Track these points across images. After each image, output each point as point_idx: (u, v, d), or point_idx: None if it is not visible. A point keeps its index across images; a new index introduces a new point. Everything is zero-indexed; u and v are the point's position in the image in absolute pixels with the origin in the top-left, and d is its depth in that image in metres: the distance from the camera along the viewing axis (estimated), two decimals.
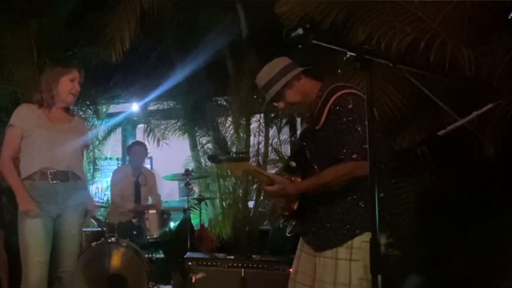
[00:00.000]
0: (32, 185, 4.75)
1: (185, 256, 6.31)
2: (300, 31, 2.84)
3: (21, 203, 4.66)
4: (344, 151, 3.25)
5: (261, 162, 8.81)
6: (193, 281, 6.01)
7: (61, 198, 4.81)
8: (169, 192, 11.68)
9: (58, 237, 4.82)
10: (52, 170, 4.77)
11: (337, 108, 3.32)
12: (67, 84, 4.93)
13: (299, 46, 2.89)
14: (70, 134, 4.96)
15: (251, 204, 9.01)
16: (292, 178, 3.65)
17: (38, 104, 4.94)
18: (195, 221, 8.50)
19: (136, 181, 8.05)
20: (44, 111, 4.93)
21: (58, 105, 4.98)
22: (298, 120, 6.46)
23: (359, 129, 3.21)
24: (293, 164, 3.78)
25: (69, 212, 4.86)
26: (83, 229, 7.48)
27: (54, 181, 4.78)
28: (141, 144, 8.54)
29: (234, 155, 3.67)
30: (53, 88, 4.92)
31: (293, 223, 3.75)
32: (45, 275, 4.69)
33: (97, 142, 10.41)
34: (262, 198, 8.77)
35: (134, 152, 8.24)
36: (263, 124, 9.12)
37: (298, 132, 5.40)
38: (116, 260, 6.59)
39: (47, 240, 4.73)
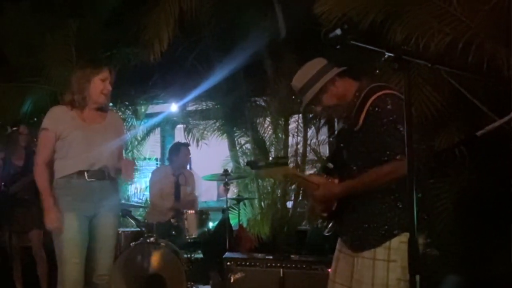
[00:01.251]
0: (68, 183, 4.70)
1: (223, 256, 6.33)
2: (338, 31, 2.84)
3: (47, 220, 4.60)
4: (388, 152, 3.25)
5: (299, 163, 8.80)
6: (232, 281, 6.03)
7: (97, 197, 4.75)
8: (208, 192, 11.72)
9: (93, 239, 4.76)
10: (88, 169, 4.72)
11: (376, 109, 3.31)
12: (99, 85, 4.84)
13: (337, 47, 2.89)
14: (106, 133, 4.89)
15: (289, 204, 9.02)
16: (329, 180, 3.65)
17: (70, 105, 4.85)
18: (233, 221, 8.52)
19: (176, 181, 8.10)
20: (76, 112, 4.84)
21: (90, 105, 4.88)
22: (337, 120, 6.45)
23: (400, 129, 3.19)
24: (331, 165, 3.77)
25: (104, 213, 4.79)
26: (122, 230, 7.57)
27: (91, 179, 4.71)
28: (187, 146, 8.59)
29: (273, 160, 3.67)
30: (85, 88, 4.81)
31: (332, 223, 3.75)
32: (81, 276, 4.64)
33: (136, 143, 10.51)
34: (300, 198, 8.76)
35: (183, 153, 8.27)
36: (301, 125, 9.09)
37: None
38: (155, 260, 6.58)
39: (83, 241, 4.67)
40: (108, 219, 4.82)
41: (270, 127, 9.36)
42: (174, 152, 8.33)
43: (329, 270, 3.84)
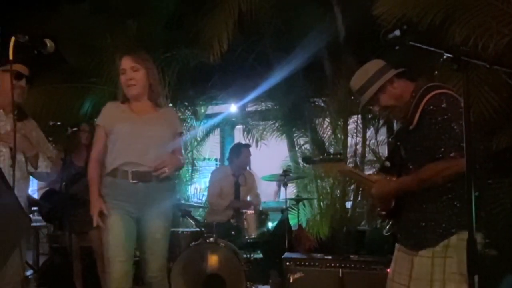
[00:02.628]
0: (112, 182, 4.58)
1: (283, 256, 6.34)
2: (397, 32, 2.87)
3: (91, 210, 4.53)
4: (442, 149, 3.26)
5: (358, 163, 8.78)
6: (291, 281, 6.04)
7: (142, 199, 4.57)
8: (267, 193, 11.77)
9: (142, 240, 4.68)
10: (133, 170, 4.52)
11: (431, 107, 3.33)
12: (122, 77, 4.69)
13: (396, 47, 2.91)
14: (157, 124, 4.68)
15: (348, 204, 9.01)
16: (387, 178, 3.67)
17: (122, 100, 4.76)
18: (293, 222, 8.54)
19: (236, 181, 8.15)
20: (128, 105, 4.73)
21: (132, 100, 4.74)
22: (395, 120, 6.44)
23: (455, 127, 3.19)
24: (388, 164, 3.79)
25: (152, 216, 4.62)
26: (182, 230, 7.63)
27: (134, 181, 4.54)
28: (248, 147, 8.63)
29: (328, 156, 3.71)
30: (119, 81, 4.76)
31: (390, 223, 3.77)
32: (128, 273, 4.55)
33: (196, 143, 10.59)
34: (359, 198, 8.76)
35: (242, 154, 8.29)
36: (360, 125, 9.09)
37: None
38: (214, 260, 6.59)
39: (128, 239, 4.56)
40: (156, 222, 4.66)
41: (329, 127, 9.37)
42: (235, 153, 8.37)
43: (388, 270, 3.85)
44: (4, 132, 4.68)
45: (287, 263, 6.13)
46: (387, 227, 3.79)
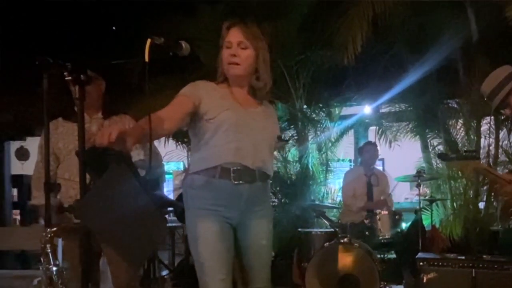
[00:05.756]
0: (208, 183, 3.64)
1: (416, 256, 6.31)
2: None
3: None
4: None
5: (491, 164, 8.67)
6: (425, 281, 6.05)
7: (245, 203, 3.71)
8: (401, 193, 11.77)
9: (243, 250, 3.84)
10: (236, 168, 3.62)
11: None
12: (224, 51, 3.78)
13: None
14: (263, 121, 3.82)
15: (481, 205, 8.95)
16: None
17: (219, 80, 3.85)
18: (426, 222, 8.52)
19: (368, 181, 8.24)
20: (228, 89, 3.80)
21: (231, 83, 3.83)
22: None
23: None
24: None
25: (254, 220, 3.81)
26: (316, 230, 7.78)
27: (238, 182, 3.63)
28: (373, 144, 8.69)
29: (464, 153, 3.78)
30: (218, 58, 3.85)
31: None
32: None
33: (330, 144, 10.66)
34: (492, 199, 8.66)
35: (366, 151, 8.40)
36: (493, 126, 9.01)
37: None
38: (348, 260, 6.64)
39: (228, 253, 3.69)
40: (259, 226, 3.85)
41: (462, 128, 9.34)
42: (360, 152, 8.60)
43: None
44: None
45: (421, 263, 6.07)
46: None
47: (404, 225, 8.01)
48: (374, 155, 8.48)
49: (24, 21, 10.22)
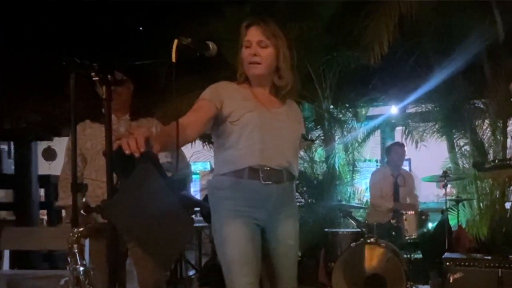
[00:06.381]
0: (237, 184, 3.56)
1: (443, 256, 6.36)
2: None
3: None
4: None
5: None
6: (451, 281, 6.05)
7: (273, 204, 3.62)
8: (427, 194, 11.76)
9: (271, 251, 3.73)
10: (265, 168, 3.55)
11: None
12: (244, 51, 3.73)
13: None
14: (287, 121, 3.72)
15: (508, 205, 8.91)
16: None
17: (240, 80, 3.79)
18: (452, 222, 8.53)
19: (395, 181, 8.24)
20: (250, 90, 3.73)
21: (253, 83, 3.76)
22: None
23: None
24: None
25: (281, 220, 3.71)
26: (342, 230, 7.81)
27: (267, 182, 3.55)
28: (401, 145, 8.68)
29: (498, 162, 3.77)
30: (239, 58, 3.78)
31: None
32: None
33: (356, 144, 10.68)
34: None
35: (394, 152, 8.40)
36: None
37: None
38: (374, 260, 6.64)
39: (256, 255, 3.57)
40: (286, 226, 3.74)
41: (488, 129, 9.30)
42: (387, 152, 8.59)
43: None
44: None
45: (447, 263, 6.13)
46: None
47: (430, 225, 8.01)
48: (402, 156, 8.48)
49: (51, 22, 10.30)
